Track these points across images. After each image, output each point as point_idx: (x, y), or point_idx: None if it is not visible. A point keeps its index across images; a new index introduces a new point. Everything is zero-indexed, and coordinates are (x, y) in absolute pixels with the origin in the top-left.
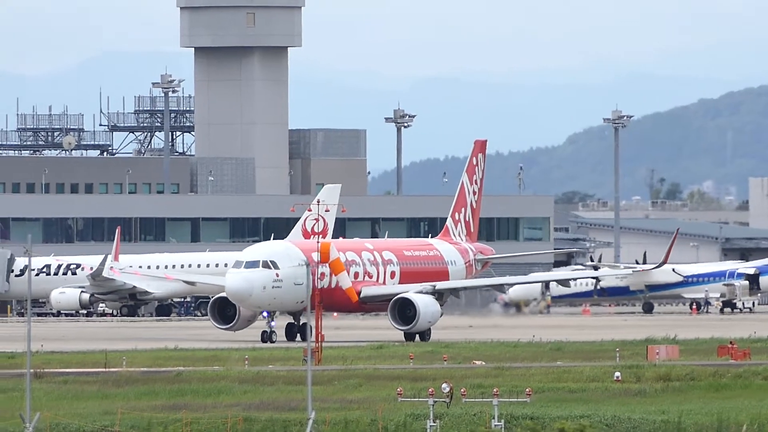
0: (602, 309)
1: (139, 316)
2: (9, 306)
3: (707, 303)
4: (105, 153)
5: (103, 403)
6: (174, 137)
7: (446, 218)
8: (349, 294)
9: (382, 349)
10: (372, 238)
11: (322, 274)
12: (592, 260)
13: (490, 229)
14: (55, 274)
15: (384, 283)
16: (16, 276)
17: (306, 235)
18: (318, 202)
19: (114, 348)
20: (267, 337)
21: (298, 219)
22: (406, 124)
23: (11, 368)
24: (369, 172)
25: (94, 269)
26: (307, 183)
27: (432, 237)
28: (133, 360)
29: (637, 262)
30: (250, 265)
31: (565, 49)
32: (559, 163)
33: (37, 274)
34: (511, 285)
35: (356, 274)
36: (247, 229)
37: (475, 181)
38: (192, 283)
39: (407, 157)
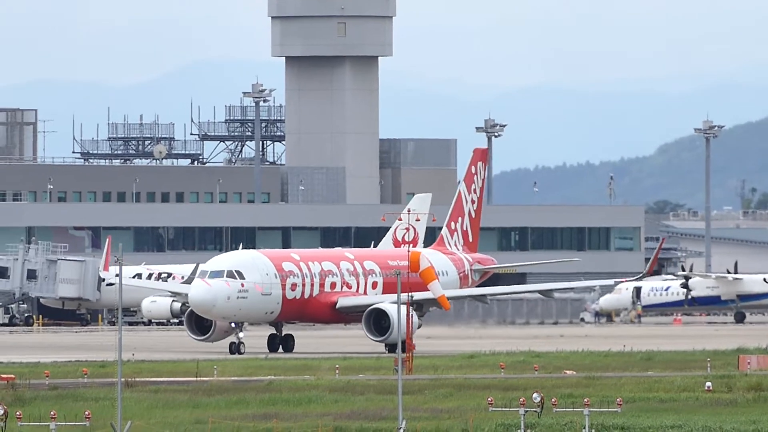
0: (694, 318)
1: None
2: (100, 315)
3: None
4: (196, 162)
5: (194, 413)
6: (265, 146)
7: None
8: (442, 302)
9: (473, 359)
10: None
11: (294, 284)
12: (683, 270)
13: (581, 239)
14: None
15: (365, 293)
16: (107, 285)
17: (396, 244)
18: (408, 211)
19: (205, 357)
20: (235, 348)
21: (388, 228)
22: (496, 134)
23: (103, 377)
24: (459, 182)
25: (185, 278)
26: (397, 192)
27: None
28: (224, 369)
29: (729, 272)
30: (215, 275)
31: (655, 59)
32: (650, 173)
33: None
34: (494, 295)
35: (333, 285)
36: (337, 238)
37: (474, 190)
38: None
39: (497, 167)
